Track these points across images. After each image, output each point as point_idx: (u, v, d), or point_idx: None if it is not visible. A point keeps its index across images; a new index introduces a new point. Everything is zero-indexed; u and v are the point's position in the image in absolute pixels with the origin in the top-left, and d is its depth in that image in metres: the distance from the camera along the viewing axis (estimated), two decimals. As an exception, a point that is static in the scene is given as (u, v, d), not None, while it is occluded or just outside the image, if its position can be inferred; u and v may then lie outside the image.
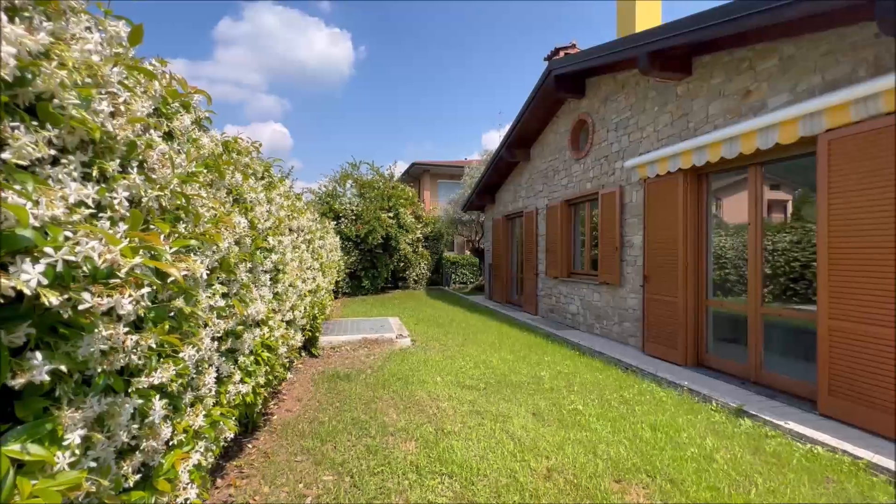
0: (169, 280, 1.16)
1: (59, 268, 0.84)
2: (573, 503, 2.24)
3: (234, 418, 2.21)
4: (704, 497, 2.23)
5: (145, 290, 1.02)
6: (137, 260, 0.97)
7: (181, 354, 1.43)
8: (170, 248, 1.19)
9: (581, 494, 2.31)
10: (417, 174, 22.10)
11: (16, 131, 0.89)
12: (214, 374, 1.96)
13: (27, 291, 0.79)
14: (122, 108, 1.16)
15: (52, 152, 0.96)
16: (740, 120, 4.45)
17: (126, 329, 1.08)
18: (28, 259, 0.82)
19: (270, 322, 2.89)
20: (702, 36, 4.38)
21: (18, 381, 0.85)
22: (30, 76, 0.93)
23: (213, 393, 1.96)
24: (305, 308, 4.42)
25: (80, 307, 0.88)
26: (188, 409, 1.62)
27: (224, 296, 2.12)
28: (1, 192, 0.78)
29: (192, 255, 1.49)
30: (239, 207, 2.58)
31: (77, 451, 0.96)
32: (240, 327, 2.33)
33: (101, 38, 1.24)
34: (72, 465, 0.96)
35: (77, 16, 1.19)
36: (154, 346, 1.23)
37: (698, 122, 5.02)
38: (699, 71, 5.03)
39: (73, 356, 0.96)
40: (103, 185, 1.11)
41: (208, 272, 1.82)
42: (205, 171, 2.02)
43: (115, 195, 1.11)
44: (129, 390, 1.22)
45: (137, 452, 1.25)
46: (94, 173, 1.10)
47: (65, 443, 0.94)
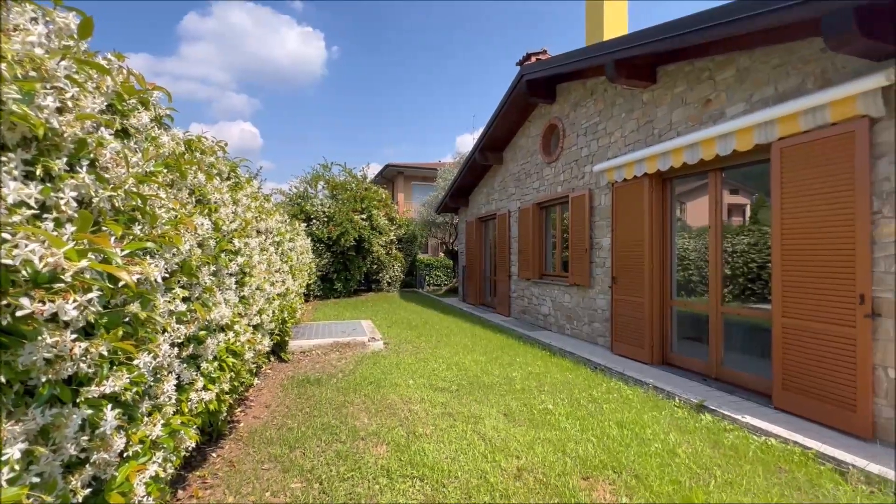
0: (120, 284, 1.11)
1: (-4, 272, 0.79)
2: (542, 502, 2.27)
3: (195, 427, 2.13)
4: (667, 490, 2.31)
5: (93, 294, 0.97)
6: (84, 263, 0.92)
7: (136, 362, 1.37)
8: (122, 250, 1.14)
9: (550, 492, 2.35)
10: (391, 176, 21.98)
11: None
12: (174, 382, 1.88)
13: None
14: (69, 103, 1.11)
15: (-10, 149, 0.91)
16: (701, 127, 4.65)
17: (74, 336, 1.02)
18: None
19: (236, 326, 2.81)
20: (665, 46, 4.55)
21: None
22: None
23: (174, 401, 1.89)
24: (274, 312, 4.32)
25: (19, 313, 0.83)
26: (145, 418, 1.55)
27: (185, 300, 2.05)
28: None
29: (147, 257, 1.43)
30: (202, 209, 2.50)
31: (17, 467, 0.91)
32: (203, 332, 2.25)
33: (49, 30, 1.18)
34: (12, 482, 0.90)
35: (21, 5, 1.12)
36: (106, 353, 1.18)
37: (662, 129, 5.21)
38: (663, 80, 5.22)
39: (12, 365, 0.90)
40: (49, 184, 1.05)
41: (167, 275, 1.75)
42: (165, 170, 1.95)
43: (61, 195, 1.05)
44: (78, 400, 1.16)
45: (87, 465, 1.18)
46: (38, 172, 1.04)
47: (3, 458, 0.88)
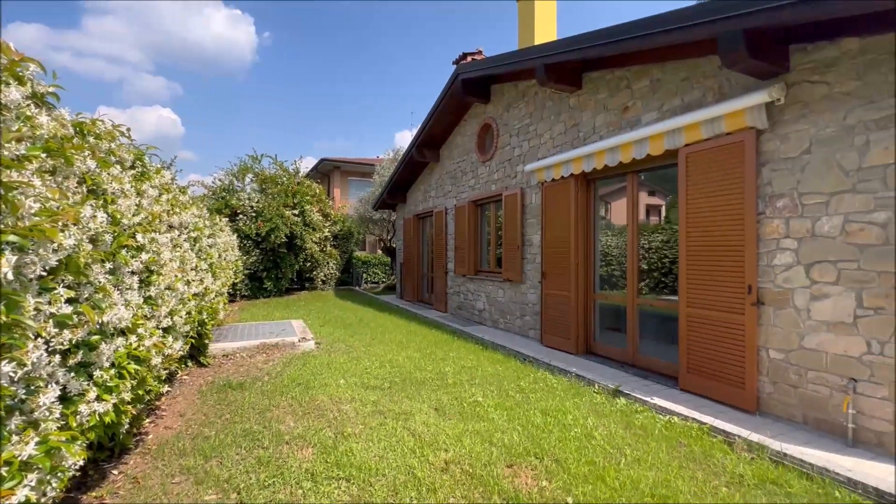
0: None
1: None
2: (467, 492, 2.32)
3: (85, 443, 1.90)
4: (583, 471, 2.46)
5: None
6: None
7: (-2, 372, 1.19)
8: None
9: (475, 482, 2.40)
10: (327, 171, 21.28)
11: None
12: (57, 393, 1.67)
13: None
14: None
15: None
16: (620, 132, 4.99)
17: None
18: None
19: (140, 330, 2.55)
20: (588, 53, 4.82)
21: None
22: None
23: (57, 415, 1.67)
24: (190, 313, 3.99)
25: None
26: (13, 437, 1.35)
27: (71, 301, 1.82)
28: None
29: (7, 252, 1.24)
30: (96, 199, 2.23)
31: None
32: (95, 337, 2.01)
33: None
34: None
35: None
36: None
37: (587, 132, 5.52)
38: (588, 86, 5.53)
39: None
40: None
41: (44, 273, 1.54)
42: (43, 154, 1.72)
43: None
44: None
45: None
46: None
47: None
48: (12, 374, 1.21)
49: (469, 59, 8.99)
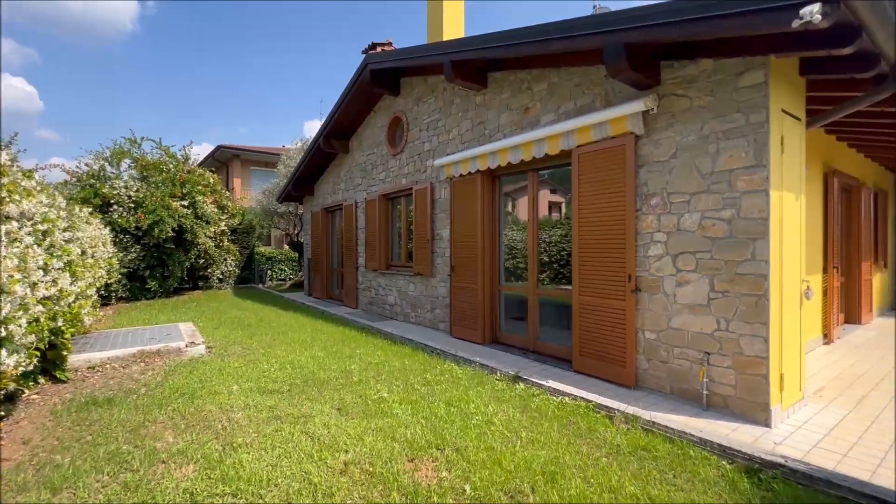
0: None
1: None
2: (366, 492, 2.25)
3: None
4: (482, 458, 2.54)
5: None
6: None
7: None
8: None
9: (375, 481, 2.35)
10: (225, 159, 19.49)
11: None
12: None
13: None
14: None
15: None
16: (521, 132, 5.23)
17: None
18: None
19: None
20: (491, 54, 4.97)
21: None
22: None
23: None
24: (38, 320, 3.35)
25: None
26: None
27: None
28: None
29: None
30: None
31: None
32: None
33: None
34: None
35: None
36: None
37: (492, 130, 5.71)
38: (493, 85, 5.71)
39: None
40: None
41: None
42: None
43: None
44: None
45: None
46: None
47: None
48: None
49: (379, 49, 8.79)
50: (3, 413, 3.28)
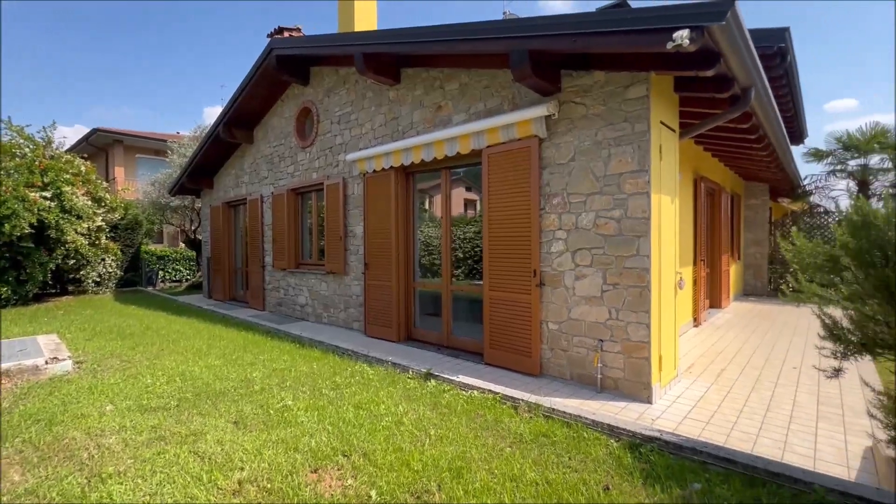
0: None
1: None
2: (263, 511, 2.08)
3: None
4: (390, 460, 2.49)
5: None
6: None
7: None
8: None
9: (273, 498, 2.18)
10: (104, 145, 16.99)
11: None
12: None
13: None
14: None
15: None
16: (434, 130, 5.25)
17: None
18: None
19: None
20: (402, 49, 4.91)
21: None
22: None
23: None
24: None
25: None
26: None
27: None
28: None
29: None
30: None
31: None
32: None
33: None
34: None
35: None
36: None
37: (405, 127, 5.65)
38: (406, 81, 5.65)
39: None
40: None
41: None
42: None
43: None
44: None
45: None
46: None
47: None
48: None
49: (286, 34, 8.26)
50: None
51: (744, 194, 10.42)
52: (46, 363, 4.56)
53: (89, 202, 10.18)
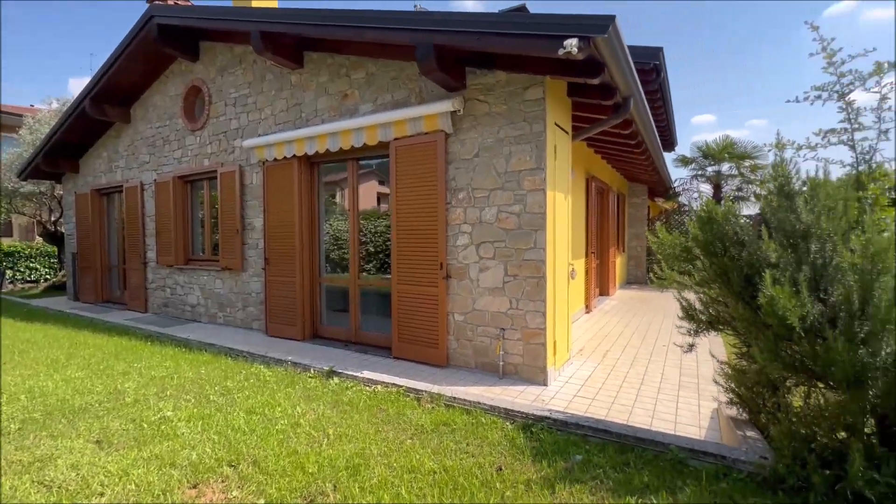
0: None
1: None
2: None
3: None
4: (282, 465, 2.35)
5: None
6: None
7: None
8: None
9: (141, 522, 1.93)
10: (-78, 113, 13.71)
11: None
12: None
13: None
14: None
15: None
16: (340, 119, 5.05)
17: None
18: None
19: None
20: (303, 31, 4.63)
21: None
22: None
23: None
24: None
25: None
26: None
27: None
28: None
29: None
30: None
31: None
32: None
33: None
34: None
35: None
36: None
37: (309, 114, 5.36)
38: (309, 66, 5.35)
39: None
40: None
41: None
42: None
43: None
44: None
45: None
46: None
47: None
48: None
49: (171, 1, 7.34)
50: None
51: (628, 194, 11.69)
52: None
53: None
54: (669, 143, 9.88)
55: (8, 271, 11.59)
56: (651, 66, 5.45)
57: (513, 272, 3.98)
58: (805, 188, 2.16)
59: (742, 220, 2.40)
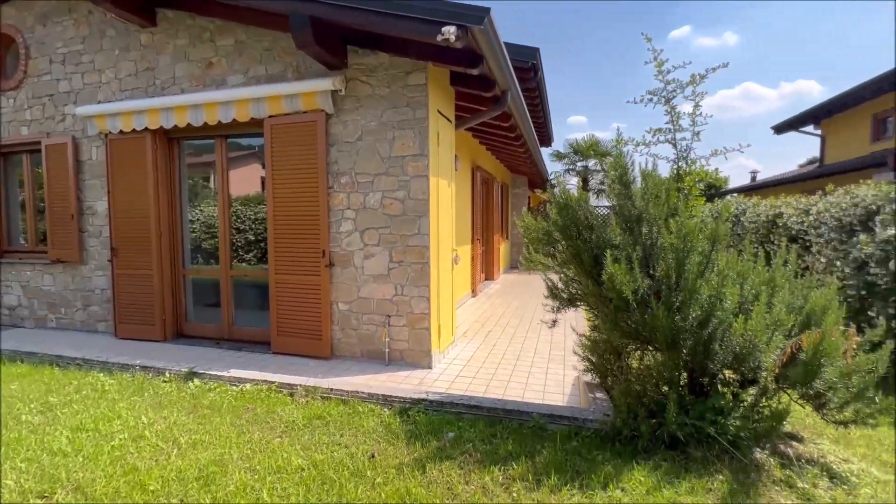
0: None
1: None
2: None
3: None
4: (116, 486, 2.00)
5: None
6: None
7: None
8: None
9: None
10: None
11: None
12: None
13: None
14: None
15: None
16: (205, 90, 4.46)
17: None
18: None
19: None
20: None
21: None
22: None
23: None
24: None
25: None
26: None
27: None
28: None
29: None
30: None
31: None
32: None
33: None
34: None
35: None
36: None
37: (165, 81, 4.64)
38: (164, 25, 4.61)
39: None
40: None
41: None
42: None
43: None
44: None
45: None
46: None
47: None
48: None
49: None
50: None
51: (511, 184, 12.51)
52: None
53: None
54: (547, 138, 10.74)
55: None
56: (529, 64, 5.80)
57: (398, 258, 3.95)
58: (639, 179, 2.47)
59: (593, 207, 2.68)
